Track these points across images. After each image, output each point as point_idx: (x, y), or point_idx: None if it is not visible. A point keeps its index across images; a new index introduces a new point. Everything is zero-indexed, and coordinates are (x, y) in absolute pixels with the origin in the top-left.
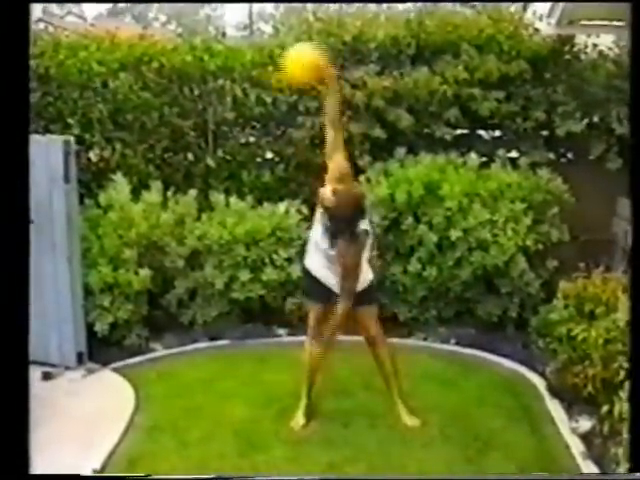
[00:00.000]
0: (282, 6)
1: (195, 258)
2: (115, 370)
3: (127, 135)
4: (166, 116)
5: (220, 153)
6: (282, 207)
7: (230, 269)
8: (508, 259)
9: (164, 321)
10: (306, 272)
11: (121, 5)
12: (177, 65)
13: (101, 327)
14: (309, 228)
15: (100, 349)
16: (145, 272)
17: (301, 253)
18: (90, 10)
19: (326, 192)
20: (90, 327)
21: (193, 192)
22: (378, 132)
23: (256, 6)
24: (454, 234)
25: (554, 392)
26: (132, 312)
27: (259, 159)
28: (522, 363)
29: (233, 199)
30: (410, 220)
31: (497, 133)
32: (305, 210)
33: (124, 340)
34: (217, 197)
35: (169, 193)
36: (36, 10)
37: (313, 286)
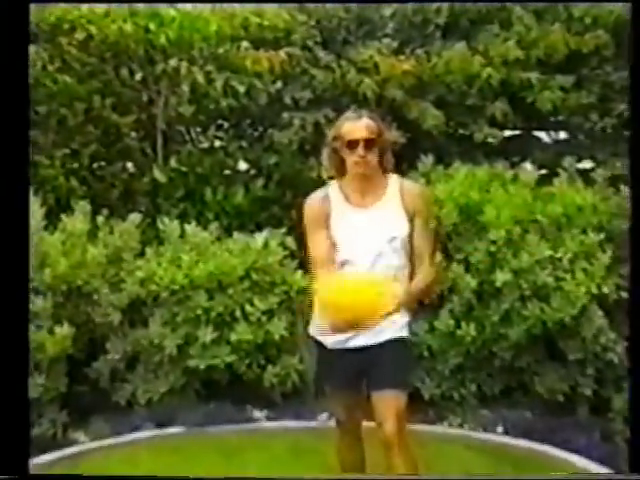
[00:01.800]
0: None
1: (136, 310)
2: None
3: (39, 135)
4: (96, 109)
5: (173, 163)
6: (260, 239)
7: (186, 326)
8: (578, 313)
9: (91, 400)
10: (319, 345)
11: None
12: (111, 37)
13: None
14: (299, 268)
15: None
16: (64, 330)
17: (287, 302)
18: None
19: None
20: None
21: (135, 217)
22: (394, 134)
23: None
24: (501, 277)
25: None
26: (44, 388)
27: (228, 171)
28: (601, 462)
29: (191, 227)
30: (439, 257)
31: (562, 135)
32: (292, 243)
33: (31, 428)
34: (168, 225)
35: (100, 218)
36: None
37: (333, 364)
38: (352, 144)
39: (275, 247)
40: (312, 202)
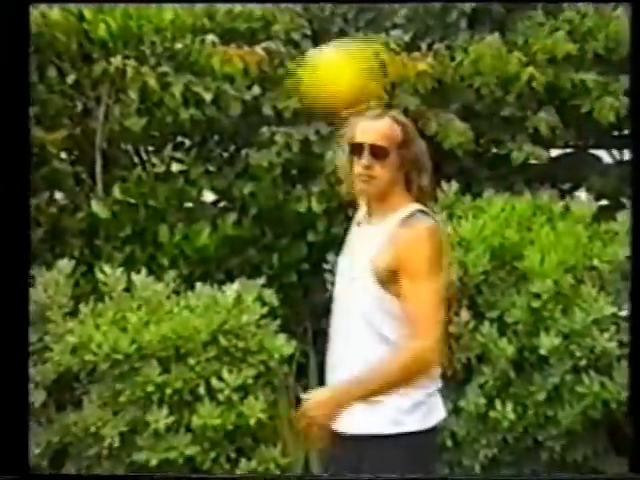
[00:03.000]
0: None
1: (65, 387)
2: None
3: None
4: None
5: (117, 193)
6: (231, 293)
7: (132, 407)
8: None
9: None
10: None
11: None
12: (34, 27)
13: None
14: (281, 331)
15: None
16: None
17: (266, 376)
18: None
19: None
20: None
21: (65, 265)
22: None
23: None
24: (547, 342)
25: None
26: None
27: (190, 204)
28: None
29: (140, 278)
30: (466, 316)
31: (628, 155)
32: (272, 298)
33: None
34: (110, 274)
35: None
36: None
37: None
38: (356, 149)
39: (251, 303)
40: None
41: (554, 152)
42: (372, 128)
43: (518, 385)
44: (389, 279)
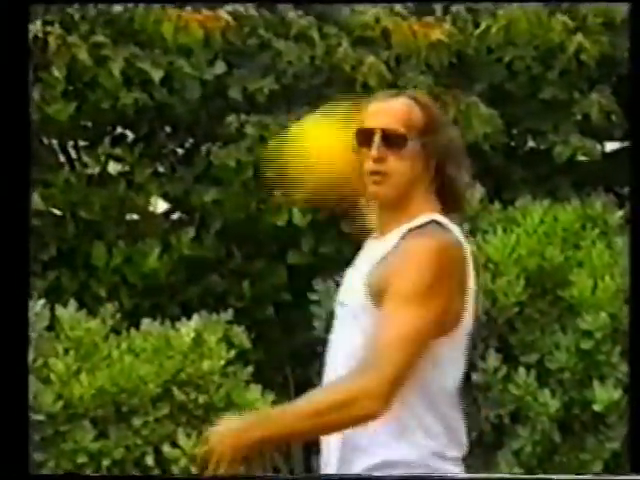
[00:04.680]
0: None
1: None
2: None
3: None
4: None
5: (37, 201)
6: (188, 331)
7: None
8: None
9: None
10: None
11: None
12: None
13: None
14: (254, 380)
15: None
16: None
17: None
18: None
19: None
20: None
21: None
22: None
23: None
24: (603, 396)
25: None
26: None
27: (134, 215)
28: None
29: (68, 312)
30: (494, 360)
31: None
32: (243, 337)
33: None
34: (31, 308)
35: None
36: None
37: None
38: (362, 137)
39: (214, 345)
40: None
41: (610, 146)
42: (385, 110)
43: (566, 452)
44: (378, 302)
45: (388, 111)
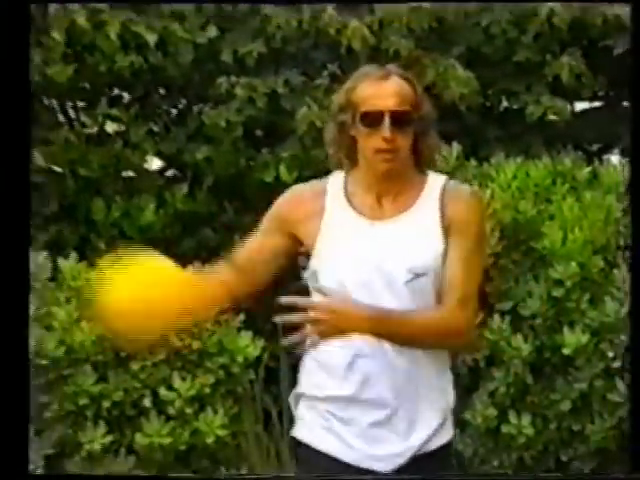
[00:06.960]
0: None
1: None
2: None
3: None
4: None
5: (39, 159)
6: None
7: (59, 424)
8: None
9: None
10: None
11: None
12: None
13: None
14: (246, 327)
15: None
16: None
17: (227, 383)
18: None
19: None
20: None
21: None
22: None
23: None
24: (572, 340)
25: None
26: None
27: (130, 172)
28: None
29: (69, 263)
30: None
31: None
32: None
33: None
34: (33, 258)
35: None
36: None
37: None
38: (371, 119)
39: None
40: (292, 196)
41: (579, 106)
42: (388, 91)
43: (537, 393)
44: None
45: (393, 91)
